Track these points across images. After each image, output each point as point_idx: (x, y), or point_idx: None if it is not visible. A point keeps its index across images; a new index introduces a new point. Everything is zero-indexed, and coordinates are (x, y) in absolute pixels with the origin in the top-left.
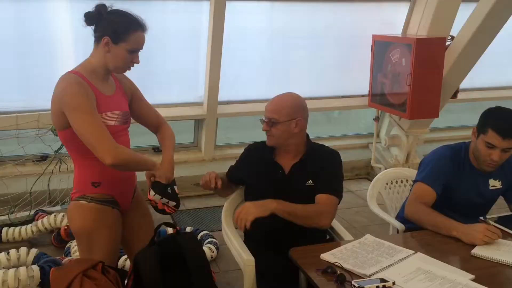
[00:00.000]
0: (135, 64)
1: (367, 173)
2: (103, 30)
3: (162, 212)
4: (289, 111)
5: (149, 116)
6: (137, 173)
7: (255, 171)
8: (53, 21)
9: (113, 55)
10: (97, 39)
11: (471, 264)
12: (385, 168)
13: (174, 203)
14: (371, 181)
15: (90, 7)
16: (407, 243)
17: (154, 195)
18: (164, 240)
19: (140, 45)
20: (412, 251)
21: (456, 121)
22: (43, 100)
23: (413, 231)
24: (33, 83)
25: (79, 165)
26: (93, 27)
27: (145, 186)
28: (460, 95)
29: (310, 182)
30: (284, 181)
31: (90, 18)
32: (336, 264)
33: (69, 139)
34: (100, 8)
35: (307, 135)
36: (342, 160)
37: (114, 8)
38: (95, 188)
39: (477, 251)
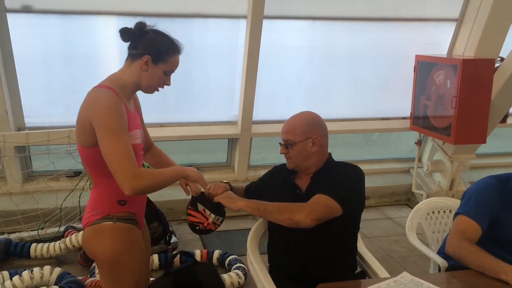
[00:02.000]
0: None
1: (407, 199)
2: (144, 48)
3: (204, 232)
4: (304, 130)
5: (147, 135)
6: None
7: (274, 191)
8: (98, 38)
9: (150, 75)
10: (134, 56)
11: None
12: (427, 195)
13: (222, 218)
14: (411, 207)
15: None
16: (449, 284)
17: (209, 214)
18: (180, 270)
19: (176, 67)
20: None
21: (504, 147)
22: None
23: (457, 270)
24: (73, 99)
25: (105, 185)
26: (128, 43)
27: None
28: (509, 120)
29: None
30: (302, 200)
31: (128, 34)
32: None
33: (96, 159)
34: (142, 25)
35: (330, 155)
36: (364, 177)
37: (155, 28)
38: (121, 207)
39: None
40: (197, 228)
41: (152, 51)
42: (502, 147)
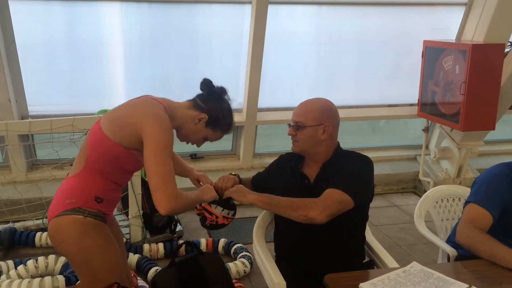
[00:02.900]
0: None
1: (414, 186)
2: (209, 109)
3: (216, 227)
4: (317, 116)
5: None
6: None
7: (282, 181)
8: (101, 25)
9: (195, 130)
10: (198, 106)
11: None
12: (434, 182)
13: (234, 212)
14: (418, 195)
15: (140, 12)
16: (460, 274)
17: (216, 207)
18: (185, 261)
19: (214, 140)
20: (466, 285)
21: None
22: (85, 104)
23: (467, 259)
24: (79, 87)
25: (91, 178)
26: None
27: None
28: None
29: None
30: (310, 190)
31: (208, 88)
32: None
33: (113, 155)
34: (222, 91)
35: (338, 144)
36: (373, 167)
37: (230, 98)
38: (97, 204)
39: None
40: (208, 224)
41: (213, 116)
42: (510, 134)
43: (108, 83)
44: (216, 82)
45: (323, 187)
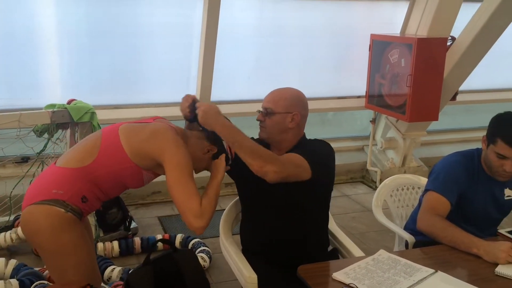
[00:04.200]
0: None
1: (362, 176)
2: (220, 144)
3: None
4: (287, 104)
5: None
6: None
7: (246, 169)
8: (36, 15)
9: (202, 159)
10: (211, 139)
11: (496, 283)
12: (381, 172)
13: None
14: (366, 185)
15: (77, 3)
16: (424, 260)
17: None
18: (160, 258)
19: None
20: (432, 270)
21: (451, 124)
22: (25, 99)
23: (424, 246)
24: (15, 81)
25: (86, 180)
26: None
27: None
28: (459, 97)
29: None
30: None
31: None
32: (351, 285)
33: (121, 168)
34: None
35: (304, 135)
36: (334, 157)
37: None
38: (81, 203)
39: (501, 269)
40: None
41: (220, 151)
42: (449, 124)
43: (46, 77)
44: (163, 74)
45: None
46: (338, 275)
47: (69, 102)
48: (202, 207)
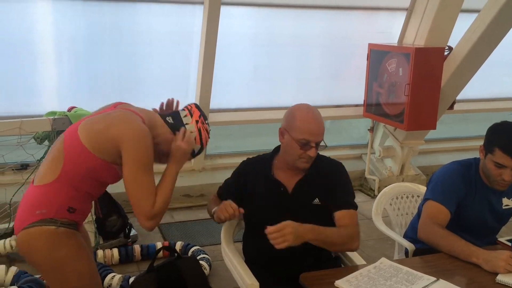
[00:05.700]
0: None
1: (360, 184)
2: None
3: None
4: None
5: None
6: None
7: (254, 190)
8: (35, 22)
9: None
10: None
11: None
12: (379, 180)
13: None
14: (365, 193)
15: (72, 9)
16: (424, 268)
17: None
18: (163, 266)
19: None
20: (434, 278)
21: (448, 132)
22: (24, 105)
23: (424, 254)
24: (14, 87)
25: (63, 190)
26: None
27: None
28: (456, 106)
29: (316, 200)
30: (288, 200)
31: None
32: None
33: (90, 167)
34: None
35: None
36: None
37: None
38: (69, 214)
39: (502, 277)
40: None
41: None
42: (446, 133)
43: (45, 84)
44: (162, 83)
45: (303, 198)
46: (341, 283)
47: (69, 110)
48: (154, 209)
